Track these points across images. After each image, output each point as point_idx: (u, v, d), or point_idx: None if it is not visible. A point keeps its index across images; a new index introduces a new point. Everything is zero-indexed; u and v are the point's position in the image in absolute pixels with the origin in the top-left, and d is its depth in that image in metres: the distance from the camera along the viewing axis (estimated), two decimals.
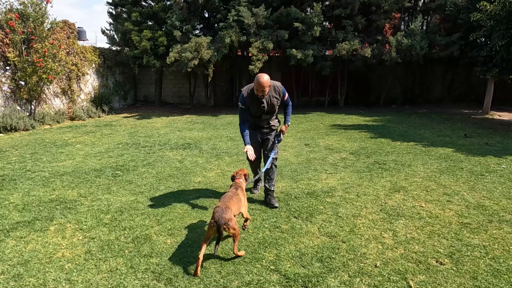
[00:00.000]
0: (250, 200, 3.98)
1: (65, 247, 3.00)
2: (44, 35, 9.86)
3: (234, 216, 2.88)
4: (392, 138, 7.75)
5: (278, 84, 3.93)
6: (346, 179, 4.81)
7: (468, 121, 10.73)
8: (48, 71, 9.79)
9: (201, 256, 2.65)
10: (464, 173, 5.05)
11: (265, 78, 3.65)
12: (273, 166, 3.99)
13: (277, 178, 4.83)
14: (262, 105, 3.80)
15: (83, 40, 18.64)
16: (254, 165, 4.15)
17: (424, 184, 4.57)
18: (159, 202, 4.02)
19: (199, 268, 2.61)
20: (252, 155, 3.71)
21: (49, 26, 10.08)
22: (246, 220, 3.29)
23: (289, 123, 4.07)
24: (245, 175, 3.51)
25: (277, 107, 3.98)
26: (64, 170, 5.32)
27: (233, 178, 3.49)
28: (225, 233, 2.79)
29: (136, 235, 3.18)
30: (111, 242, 3.06)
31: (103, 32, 14.09)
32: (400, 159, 5.84)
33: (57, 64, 10.42)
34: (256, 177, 4.13)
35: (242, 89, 3.92)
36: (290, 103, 4.07)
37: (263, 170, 3.92)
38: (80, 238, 3.17)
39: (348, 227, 3.32)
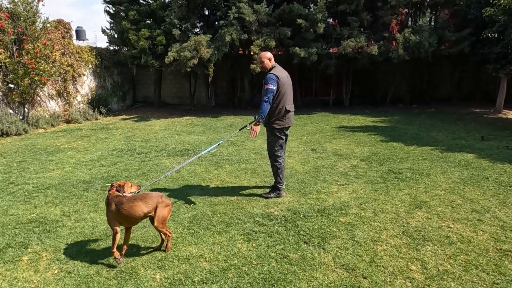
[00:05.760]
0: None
1: (36, 285, 2.55)
2: (36, 35, 9.42)
3: None
4: (404, 141, 7.26)
5: (271, 72, 3.99)
6: (359, 192, 4.33)
7: (481, 121, 10.21)
8: (41, 72, 9.35)
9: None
10: (490, 184, 4.56)
11: (262, 53, 4.15)
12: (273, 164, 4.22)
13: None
14: None
15: (83, 40, 18.20)
16: None
17: (447, 198, 4.09)
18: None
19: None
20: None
21: (41, 25, 9.64)
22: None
23: (259, 121, 3.92)
24: (119, 186, 3.05)
25: (262, 92, 3.95)
26: (50, 183, 4.88)
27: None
28: None
29: (120, 268, 2.73)
30: (90, 278, 2.61)
31: (103, 31, 13.62)
32: (416, 166, 5.35)
33: (50, 65, 9.98)
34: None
35: None
36: (263, 100, 3.87)
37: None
38: (55, 272, 2.71)
39: (368, 256, 2.85)
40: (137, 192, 3.21)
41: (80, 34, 18.97)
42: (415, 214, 3.63)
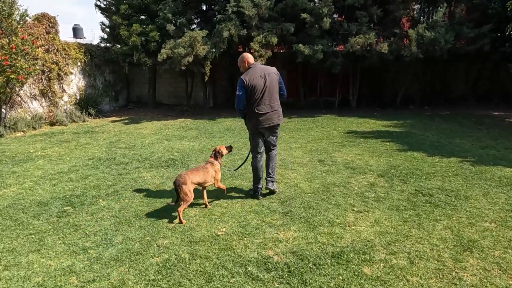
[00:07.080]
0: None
1: None
2: (13, 28, 8.52)
3: (198, 184, 3.68)
4: (425, 151, 6.28)
5: (240, 76, 3.86)
6: (383, 223, 3.37)
7: (504, 126, 9.21)
8: (18, 70, 8.44)
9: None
10: None
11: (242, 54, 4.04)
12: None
13: (285, 222, 3.42)
14: None
15: (80, 38, 17.43)
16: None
17: (502, 234, 3.11)
18: (103, 272, 2.62)
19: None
20: None
21: (18, 18, 8.73)
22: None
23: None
24: (217, 151, 4.01)
25: None
26: None
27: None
28: None
29: None
30: None
31: (102, 29, 12.70)
32: (448, 186, 4.38)
33: (30, 62, 9.07)
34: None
35: None
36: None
37: None
38: None
39: None
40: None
41: (77, 32, 18.15)
42: (466, 263, 2.66)
